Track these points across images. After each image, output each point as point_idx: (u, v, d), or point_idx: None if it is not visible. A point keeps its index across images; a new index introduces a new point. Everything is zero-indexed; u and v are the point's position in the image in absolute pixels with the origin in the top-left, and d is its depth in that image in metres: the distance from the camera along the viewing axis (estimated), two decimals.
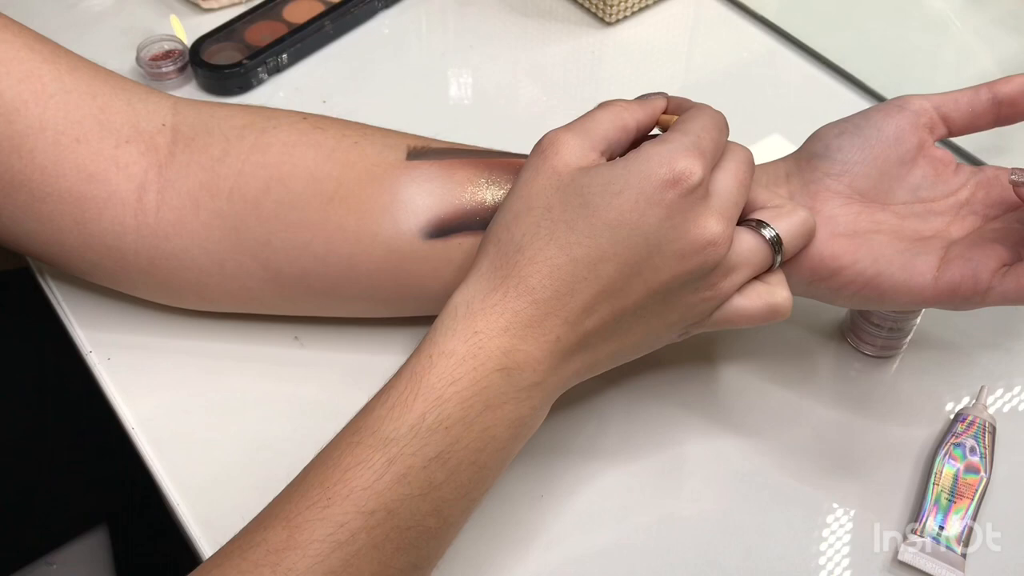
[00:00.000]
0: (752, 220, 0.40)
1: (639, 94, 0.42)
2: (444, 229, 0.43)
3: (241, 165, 0.43)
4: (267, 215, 0.43)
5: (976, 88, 0.42)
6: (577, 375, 0.39)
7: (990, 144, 0.57)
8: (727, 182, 0.38)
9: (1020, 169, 0.40)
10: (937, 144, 0.43)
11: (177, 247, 0.44)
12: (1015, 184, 0.40)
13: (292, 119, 0.45)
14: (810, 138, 0.44)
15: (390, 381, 0.36)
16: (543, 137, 0.39)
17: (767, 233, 0.39)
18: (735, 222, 0.39)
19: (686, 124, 0.39)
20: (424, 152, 0.44)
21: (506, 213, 0.38)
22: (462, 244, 0.43)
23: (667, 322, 0.39)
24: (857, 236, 0.41)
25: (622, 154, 0.40)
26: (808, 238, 0.41)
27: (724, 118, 0.40)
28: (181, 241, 0.43)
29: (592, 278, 0.36)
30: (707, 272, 0.38)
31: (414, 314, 0.47)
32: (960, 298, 0.39)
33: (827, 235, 0.41)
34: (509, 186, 0.43)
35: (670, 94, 0.43)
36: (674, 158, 0.36)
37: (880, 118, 0.42)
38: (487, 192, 0.43)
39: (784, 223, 0.40)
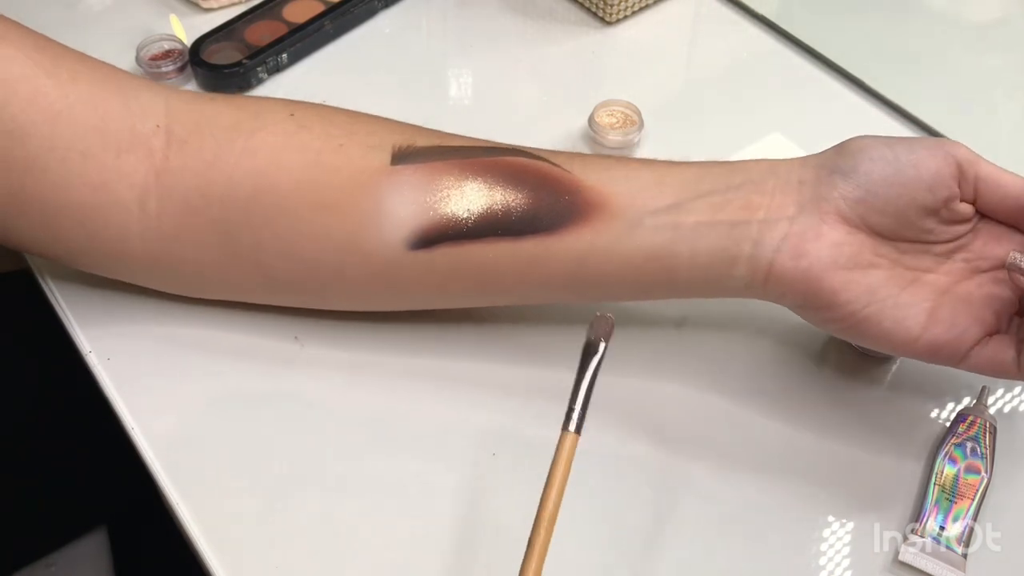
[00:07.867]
0: None
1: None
2: (427, 240, 0.42)
3: (231, 171, 0.43)
4: (257, 223, 0.43)
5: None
6: None
7: None
8: None
9: (1021, 254, 0.39)
10: None
11: (178, 249, 0.44)
12: (1010, 267, 0.40)
13: (278, 117, 0.45)
14: (839, 149, 0.41)
15: None
16: None
17: None
18: None
19: None
20: (409, 154, 0.43)
21: None
22: (447, 254, 0.42)
23: None
24: (856, 270, 0.40)
25: None
26: None
27: None
28: (181, 245, 0.44)
29: None
30: None
31: (407, 309, 0.48)
32: (938, 359, 0.41)
33: (830, 265, 0.40)
34: (493, 190, 0.43)
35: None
36: None
37: (925, 156, 0.40)
38: (471, 199, 0.43)
39: None
